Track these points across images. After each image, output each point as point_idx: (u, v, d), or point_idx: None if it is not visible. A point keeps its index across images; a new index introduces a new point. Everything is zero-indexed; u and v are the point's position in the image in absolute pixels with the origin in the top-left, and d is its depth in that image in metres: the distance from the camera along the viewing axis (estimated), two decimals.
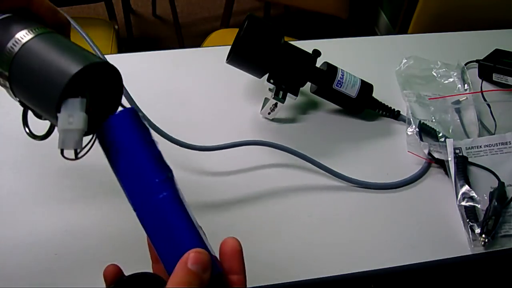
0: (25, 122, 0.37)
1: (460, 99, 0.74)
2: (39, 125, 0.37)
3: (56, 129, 0.34)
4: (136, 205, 0.33)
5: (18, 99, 0.36)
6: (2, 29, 0.34)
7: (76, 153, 0.34)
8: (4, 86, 0.35)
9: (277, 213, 0.60)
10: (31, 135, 0.37)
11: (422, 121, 0.69)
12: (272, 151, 0.67)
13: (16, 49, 0.33)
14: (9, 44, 0.33)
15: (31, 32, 0.34)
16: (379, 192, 0.63)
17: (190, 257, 0.31)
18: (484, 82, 0.78)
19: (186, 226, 0.33)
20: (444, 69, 0.79)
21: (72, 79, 0.32)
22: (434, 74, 0.79)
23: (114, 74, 0.36)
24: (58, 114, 0.32)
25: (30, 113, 0.37)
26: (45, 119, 0.37)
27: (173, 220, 0.33)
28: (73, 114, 0.32)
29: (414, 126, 0.68)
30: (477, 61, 0.80)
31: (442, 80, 0.78)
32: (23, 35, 0.34)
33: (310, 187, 0.63)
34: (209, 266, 0.31)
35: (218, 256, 0.34)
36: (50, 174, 0.61)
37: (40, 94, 0.33)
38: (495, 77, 0.78)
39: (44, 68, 0.32)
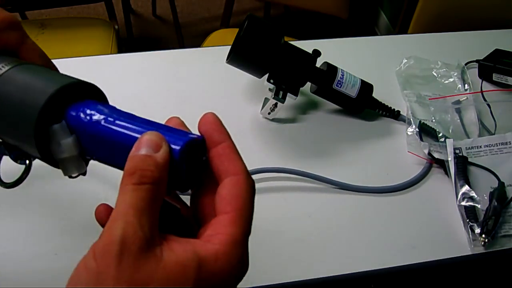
0: None
1: (461, 99, 0.74)
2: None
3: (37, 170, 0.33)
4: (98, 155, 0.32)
5: None
6: None
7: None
8: None
9: (277, 213, 0.60)
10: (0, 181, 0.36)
11: (422, 121, 0.69)
12: (271, 154, 0.67)
13: None
14: None
15: (8, 64, 0.33)
16: (379, 195, 0.63)
17: (134, 145, 0.29)
18: (484, 82, 0.78)
19: (133, 127, 0.30)
20: (444, 69, 0.79)
21: (49, 100, 0.30)
22: (435, 74, 0.79)
23: (96, 93, 0.35)
24: (51, 146, 0.32)
25: (3, 159, 0.36)
26: (21, 163, 0.35)
27: (118, 133, 0.30)
28: (60, 142, 0.31)
29: (414, 126, 0.68)
30: (477, 61, 0.80)
31: (443, 80, 0.78)
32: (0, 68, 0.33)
33: (310, 187, 0.63)
34: (160, 142, 0.28)
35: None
36: (50, 174, 0.61)
37: (18, 122, 0.31)
38: (495, 77, 0.78)
39: (21, 94, 0.31)
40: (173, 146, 0.29)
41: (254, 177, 0.61)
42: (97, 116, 0.31)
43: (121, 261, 0.24)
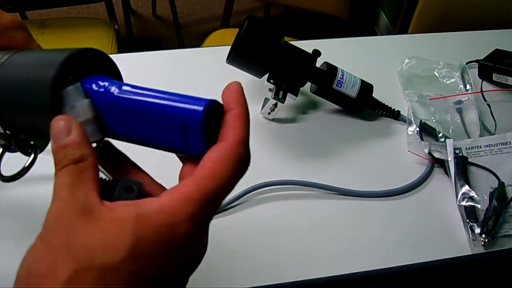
0: None
1: (462, 99, 0.74)
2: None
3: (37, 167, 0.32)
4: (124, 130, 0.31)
5: (3, 131, 0.33)
6: None
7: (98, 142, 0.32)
8: None
9: (277, 213, 0.60)
10: None
11: (423, 121, 0.69)
12: (271, 154, 0.67)
13: None
14: None
15: (8, 53, 0.33)
16: (381, 198, 0.63)
17: (51, 137, 0.29)
18: (484, 82, 0.78)
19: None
20: (446, 69, 0.79)
21: (62, 67, 0.29)
22: (436, 74, 0.78)
23: (107, 62, 0.34)
24: (63, 111, 0.30)
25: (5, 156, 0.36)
26: (27, 154, 0.34)
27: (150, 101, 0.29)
28: (75, 105, 0.30)
29: (415, 126, 0.68)
30: (477, 61, 0.80)
31: (444, 80, 0.78)
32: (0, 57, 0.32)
33: (311, 189, 0.63)
34: (69, 124, 0.28)
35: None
36: (51, 174, 0.61)
37: (30, 99, 0.30)
38: (495, 77, 0.78)
39: (31, 68, 0.31)
40: (195, 107, 0.28)
41: (256, 191, 0.61)
42: (111, 87, 0.30)
43: (56, 230, 0.25)
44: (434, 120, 0.70)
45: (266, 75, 0.68)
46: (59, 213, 0.26)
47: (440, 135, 0.67)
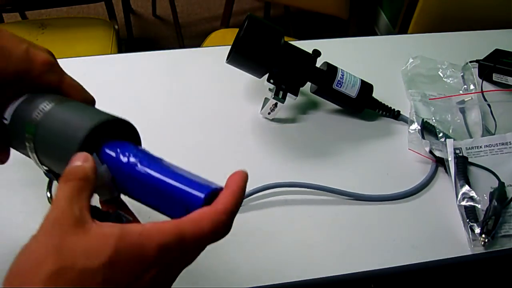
0: (49, 188, 0.43)
1: (465, 99, 0.74)
2: None
3: None
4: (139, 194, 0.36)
5: (44, 167, 0.39)
6: (29, 104, 0.39)
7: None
8: (31, 153, 0.39)
9: (278, 213, 0.60)
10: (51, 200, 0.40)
11: (425, 119, 0.69)
12: (271, 154, 0.67)
13: (40, 117, 0.38)
14: (34, 114, 0.38)
15: (51, 102, 0.38)
16: (383, 202, 0.63)
17: (71, 160, 0.34)
18: (484, 82, 0.78)
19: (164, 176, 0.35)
20: (451, 69, 0.78)
21: (88, 134, 0.35)
22: (441, 74, 0.78)
23: (129, 129, 0.39)
24: None
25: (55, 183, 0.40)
26: None
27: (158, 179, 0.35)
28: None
29: (416, 124, 0.68)
30: (477, 61, 0.80)
31: (448, 80, 0.78)
32: (45, 105, 0.38)
33: (312, 191, 0.63)
34: (88, 157, 0.34)
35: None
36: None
37: (60, 152, 0.36)
38: (495, 77, 0.78)
39: (63, 128, 0.37)
40: (197, 195, 0.33)
41: (258, 194, 0.61)
42: (130, 158, 0.36)
43: (51, 232, 0.30)
44: (434, 120, 0.70)
45: (266, 75, 0.68)
46: (56, 220, 0.30)
47: (441, 135, 0.67)
